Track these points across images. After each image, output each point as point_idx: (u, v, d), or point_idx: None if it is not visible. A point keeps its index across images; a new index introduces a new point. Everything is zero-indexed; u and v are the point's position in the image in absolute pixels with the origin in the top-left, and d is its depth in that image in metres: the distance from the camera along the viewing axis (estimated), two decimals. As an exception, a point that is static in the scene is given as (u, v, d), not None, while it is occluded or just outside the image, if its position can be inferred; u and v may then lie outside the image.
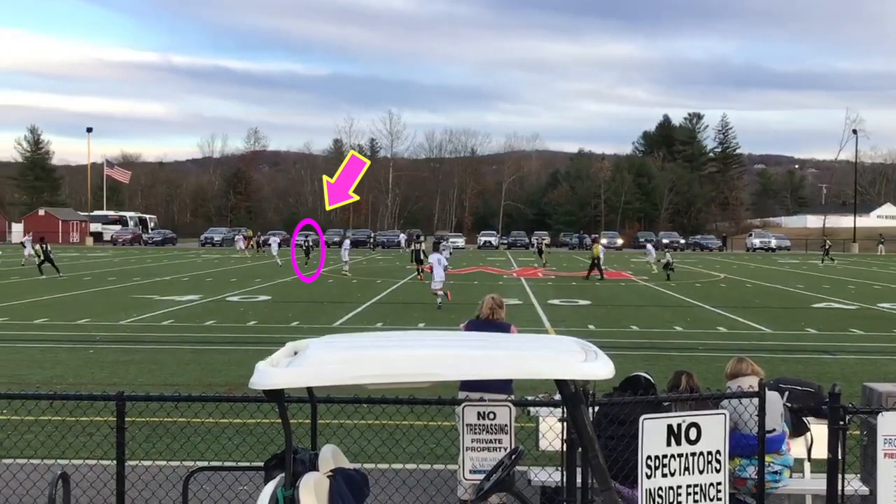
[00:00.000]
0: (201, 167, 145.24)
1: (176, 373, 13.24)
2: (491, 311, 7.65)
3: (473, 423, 5.42)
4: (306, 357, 3.80)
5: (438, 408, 6.62)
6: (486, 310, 7.67)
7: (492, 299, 7.76)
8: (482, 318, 7.63)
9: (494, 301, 7.74)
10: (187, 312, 21.88)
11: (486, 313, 7.65)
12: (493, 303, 7.72)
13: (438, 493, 6.66)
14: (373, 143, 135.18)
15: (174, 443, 8.34)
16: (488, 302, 7.73)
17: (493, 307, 7.68)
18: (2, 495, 6.48)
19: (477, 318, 7.71)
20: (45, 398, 5.56)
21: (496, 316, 7.65)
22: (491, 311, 7.65)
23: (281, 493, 3.92)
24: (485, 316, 7.64)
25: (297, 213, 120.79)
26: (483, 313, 7.66)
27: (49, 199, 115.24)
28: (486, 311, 7.65)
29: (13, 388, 11.05)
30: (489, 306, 7.69)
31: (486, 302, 7.74)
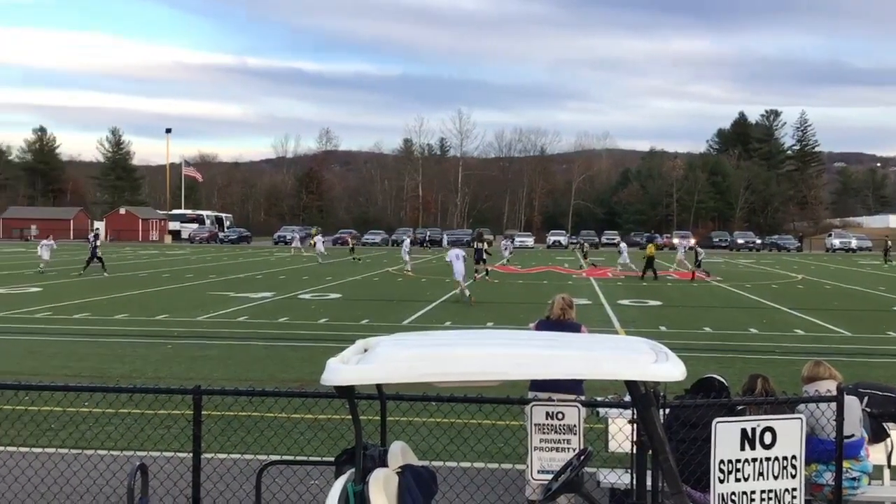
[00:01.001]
0: (275, 167, 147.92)
1: (250, 368, 13.52)
2: (562, 311, 7.57)
3: (542, 422, 5.40)
4: (376, 354, 3.84)
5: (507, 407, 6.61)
6: (556, 310, 7.58)
7: (562, 299, 7.67)
8: (553, 319, 7.55)
9: (565, 301, 7.65)
10: (261, 309, 22.31)
11: (556, 314, 7.56)
12: (564, 303, 7.63)
13: (506, 492, 6.67)
14: (442, 143, 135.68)
15: (248, 436, 8.52)
16: (559, 302, 7.64)
17: (563, 307, 7.59)
18: (83, 485, 6.72)
19: (547, 318, 7.62)
20: (125, 391, 5.74)
21: (567, 316, 7.57)
22: (562, 311, 7.57)
23: (351, 488, 3.97)
24: (556, 316, 7.55)
25: (368, 212, 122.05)
26: (554, 314, 7.58)
27: (130, 198, 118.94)
28: (557, 312, 7.57)
29: (95, 382, 11.45)
30: (560, 306, 7.60)
31: (557, 302, 7.65)
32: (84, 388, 5.55)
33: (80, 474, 6.70)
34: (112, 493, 6.65)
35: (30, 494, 6.47)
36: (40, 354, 14.62)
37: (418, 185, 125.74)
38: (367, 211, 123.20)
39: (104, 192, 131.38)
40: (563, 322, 7.49)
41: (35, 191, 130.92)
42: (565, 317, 7.56)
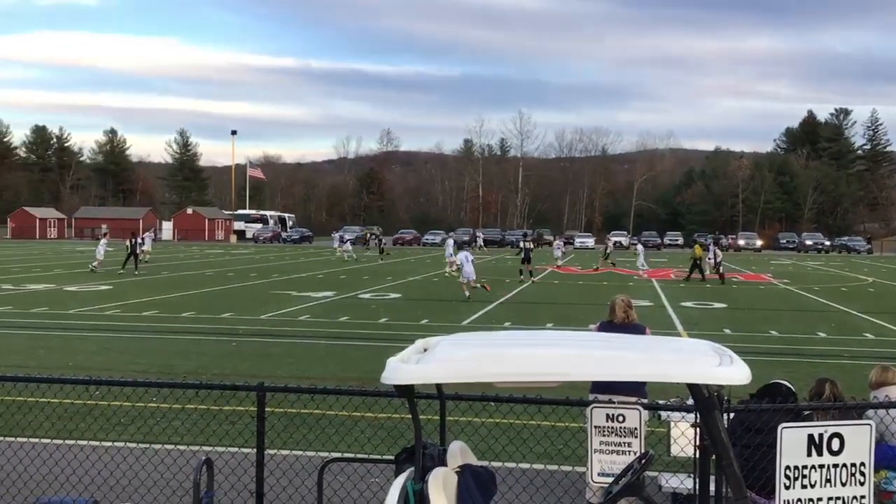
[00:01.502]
0: (336, 167, 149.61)
1: (312, 366, 13.70)
2: (625, 313, 7.43)
3: (602, 425, 5.35)
4: (435, 354, 3.86)
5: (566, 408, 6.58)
6: (620, 313, 7.43)
7: (623, 301, 7.53)
8: (617, 323, 7.39)
9: (626, 302, 7.52)
10: (322, 308, 22.58)
11: (621, 317, 7.41)
12: (625, 304, 7.49)
13: (566, 494, 6.63)
14: (503, 143, 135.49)
15: (310, 433, 8.63)
16: (621, 304, 7.49)
17: (626, 309, 7.45)
18: (150, 479, 6.89)
19: (611, 322, 7.47)
20: (191, 387, 5.87)
21: (630, 318, 7.44)
22: (625, 313, 7.43)
23: (410, 487, 3.99)
24: (620, 320, 7.40)
25: (428, 212, 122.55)
26: (618, 317, 7.43)
27: (196, 199, 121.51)
28: (621, 315, 7.42)
29: (162, 378, 11.73)
30: (622, 308, 7.45)
31: (619, 304, 7.50)
32: (152, 384, 5.70)
33: (148, 468, 6.88)
34: (178, 487, 6.81)
35: (99, 487, 6.66)
36: (110, 351, 15.04)
37: (478, 186, 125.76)
38: (428, 211, 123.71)
39: (172, 193, 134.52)
40: (628, 325, 7.35)
41: (106, 191, 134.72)
42: (629, 319, 7.43)
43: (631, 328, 7.24)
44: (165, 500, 6.01)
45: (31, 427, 8.31)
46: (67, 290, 26.67)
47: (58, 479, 6.76)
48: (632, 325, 7.38)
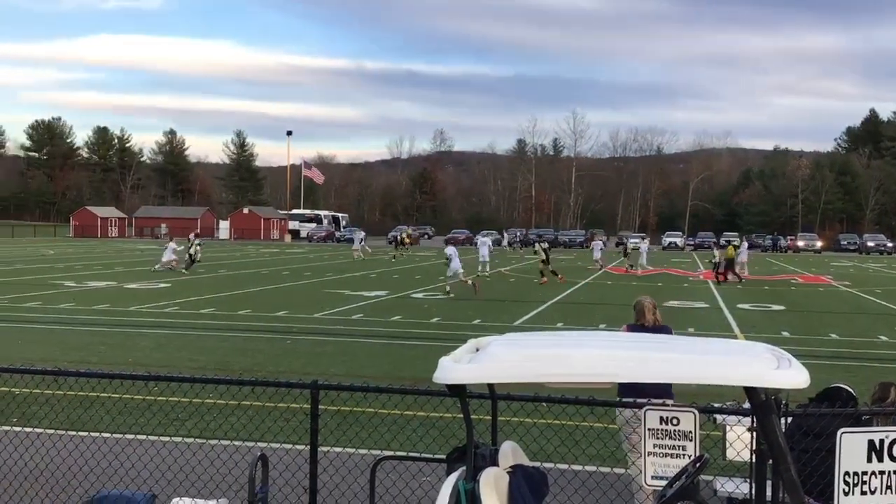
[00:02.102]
0: (390, 168, 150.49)
1: (365, 365, 13.80)
2: (654, 315, 7.38)
3: (656, 427, 5.29)
4: (487, 354, 3.86)
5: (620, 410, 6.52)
6: (650, 315, 7.36)
7: (651, 303, 7.48)
8: (648, 325, 7.31)
9: (653, 304, 7.48)
10: (375, 307, 22.74)
11: (650, 319, 7.35)
12: (653, 306, 7.45)
13: (619, 496, 6.58)
14: (556, 143, 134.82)
15: (362, 431, 8.70)
16: (649, 306, 7.42)
17: (654, 311, 7.41)
18: (207, 473, 7.01)
19: (642, 325, 7.38)
20: (247, 384, 5.96)
21: (658, 320, 7.40)
22: (654, 315, 7.38)
23: (462, 486, 4.00)
24: (650, 322, 7.33)
25: (481, 212, 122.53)
26: (648, 319, 7.36)
27: (252, 199, 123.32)
28: (651, 317, 7.36)
29: (219, 374, 11.93)
30: (651, 311, 7.39)
31: (648, 307, 7.42)
32: (209, 380, 5.80)
33: (205, 463, 7.00)
34: (234, 482, 6.93)
35: (157, 481, 6.81)
36: (168, 347, 15.35)
37: (531, 186, 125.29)
38: (480, 211, 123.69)
39: (229, 193, 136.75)
40: (658, 327, 7.32)
41: (165, 191, 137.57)
42: (658, 321, 7.39)
43: (660, 330, 7.18)
44: (221, 495, 6.11)
45: (91, 421, 8.53)
46: (128, 288, 27.30)
47: (117, 472, 6.92)
48: (661, 326, 7.33)
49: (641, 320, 7.44)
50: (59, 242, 71.55)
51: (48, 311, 20.42)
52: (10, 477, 7.10)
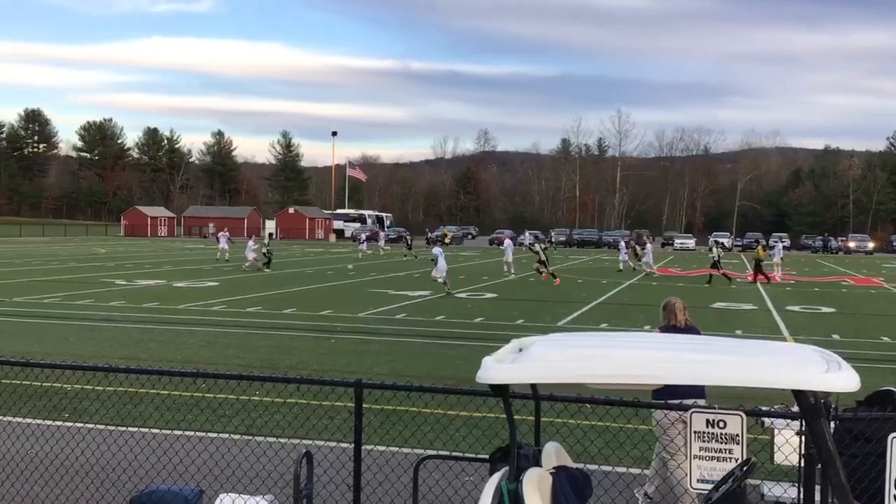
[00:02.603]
0: (434, 167, 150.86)
1: (408, 364, 13.85)
2: (685, 316, 7.41)
3: (702, 430, 5.24)
4: (531, 354, 3.85)
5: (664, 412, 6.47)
6: (681, 316, 7.39)
7: (681, 303, 7.50)
8: (681, 326, 7.33)
9: (683, 304, 7.49)
10: (419, 307, 22.81)
11: (682, 319, 7.37)
12: (684, 306, 7.47)
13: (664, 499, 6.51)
14: (600, 143, 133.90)
15: (406, 430, 8.74)
16: (681, 307, 7.44)
17: (685, 311, 7.43)
18: (253, 469, 7.11)
19: (674, 326, 7.38)
20: (292, 382, 6.02)
21: (689, 320, 7.43)
22: (685, 316, 7.41)
23: (505, 487, 4.00)
24: (682, 323, 7.36)
25: (524, 212, 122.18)
26: (680, 321, 7.38)
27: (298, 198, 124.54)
28: (683, 319, 7.38)
29: (265, 372, 12.07)
30: (682, 311, 7.42)
31: (679, 308, 7.44)
32: (255, 378, 5.88)
33: (251, 459, 7.10)
34: (279, 479, 7.01)
35: (205, 476, 6.91)
36: (216, 345, 15.58)
37: (575, 186, 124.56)
38: (524, 211, 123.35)
39: (275, 192, 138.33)
40: (690, 328, 7.34)
41: (213, 191, 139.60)
42: (689, 321, 7.41)
43: (692, 331, 7.20)
44: (267, 491, 6.19)
45: (141, 417, 8.69)
46: (176, 287, 27.75)
47: (165, 467, 7.04)
48: (692, 327, 7.36)
49: (673, 321, 7.45)
50: (111, 241, 73.01)
51: (99, 309, 20.85)
52: (61, 471, 7.27)
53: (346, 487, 6.33)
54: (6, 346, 14.62)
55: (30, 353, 13.34)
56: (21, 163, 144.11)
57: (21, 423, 8.71)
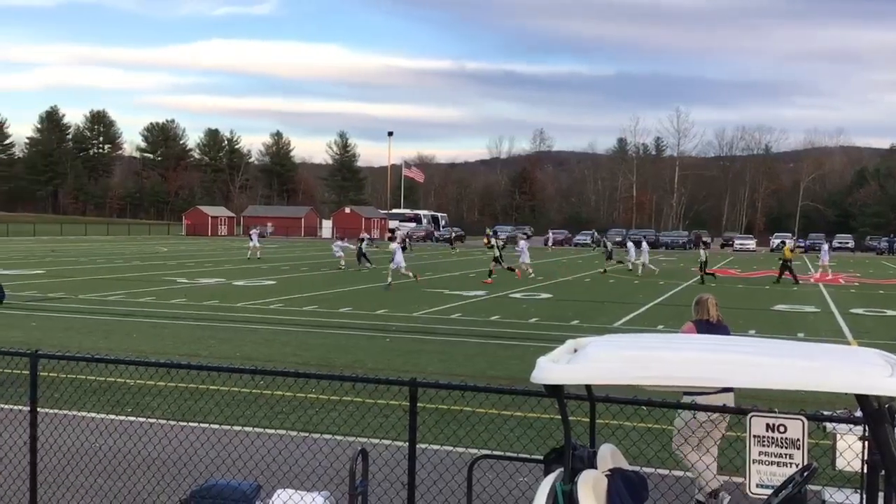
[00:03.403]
0: (489, 167, 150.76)
1: (462, 364, 13.87)
2: (717, 312, 7.50)
3: (762, 434, 5.14)
4: (586, 354, 3.83)
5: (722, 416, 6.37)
6: (714, 311, 7.50)
7: (714, 298, 7.60)
8: (712, 321, 7.44)
9: (716, 300, 7.59)
10: (474, 307, 22.81)
11: (714, 315, 7.48)
12: (716, 302, 7.56)
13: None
14: (658, 142, 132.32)
15: (460, 430, 8.77)
16: (713, 302, 7.54)
17: (717, 307, 7.52)
18: (309, 466, 7.19)
19: (707, 321, 7.48)
20: (348, 380, 6.09)
21: (721, 317, 7.51)
22: (717, 312, 7.50)
23: (560, 488, 3.98)
24: (714, 318, 7.47)
25: (580, 212, 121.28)
26: (713, 315, 7.48)
27: (354, 198, 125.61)
28: (715, 313, 7.49)
29: (321, 370, 12.20)
30: (715, 307, 7.51)
31: (712, 303, 7.54)
32: (312, 376, 5.94)
33: (307, 455, 7.18)
34: (335, 475, 7.08)
35: (262, 472, 7.02)
36: (274, 343, 15.80)
37: (632, 186, 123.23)
38: (579, 211, 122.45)
39: (331, 192, 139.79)
40: (721, 325, 7.43)
41: (271, 191, 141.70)
42: (721, 318, 7.50)
43: (723, 328, 7.33)
44: (323, 487, 6.26)
45: (201, 412, 8.86)
46: (236, 285, 28.23)
47: (224, 462, 7.17)
48: (723, 324, 7.46)
49: (706, 315, 7.52)
50: (172, 240, 74.58)
51: (161, 306, 21.33)
52: (124, 464, 7.45)
53: (401, 485, 6.37)
54: (72, 341, 15.05)
55: (94, 349, 13.71)
56: (87, 163, 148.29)
57: (86, 418, 8.96)
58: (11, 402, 9.61)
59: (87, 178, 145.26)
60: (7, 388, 10.45)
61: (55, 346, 14.00)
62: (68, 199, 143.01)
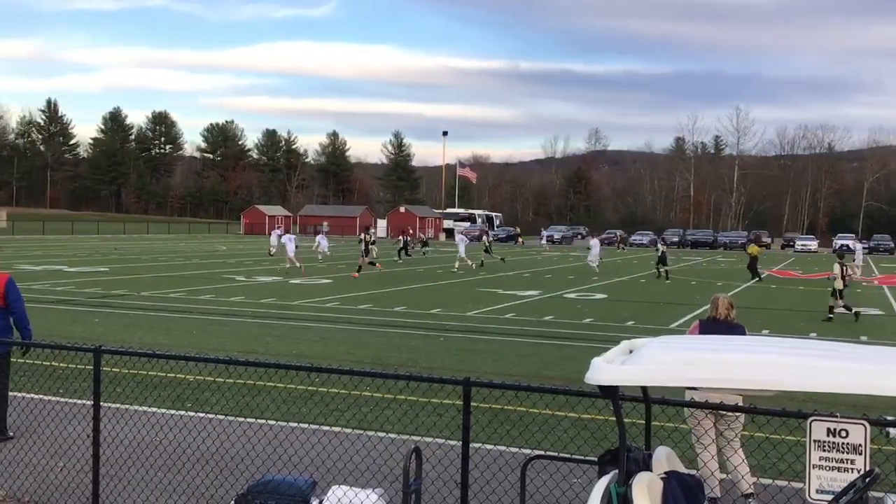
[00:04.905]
0: (544, 167, 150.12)
1: (516, 363, 13.84)
2: (727, 310, 7.46)
3: (822, 439, 5.03)
4: (642, 356, 3.79)
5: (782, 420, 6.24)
6: (722, 309, 7.47)
7: (726, 298, 7.59)
8: (719, 319, 7.41)
9: (729, 300, 7.56)
10: (528, 307, 22.73)
11: (723, 313, 7.45)
12: (728, 302, 7.53)
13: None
14: (717, 141, 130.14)
15: (513, 430, 8.74)
16: (723, 301, 7.53)
17: (728, 307, 7.48)
18: (364, 463, 7.26)
19: (714, 318, 7.46)
20: (402, 378, 6.12)
21: (731, 316, 7.45)
22: (727, 310, 7.46)
23: (614, 489, 3.95)
24: (722, 316, 7.43)
25: (636, 212, 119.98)
26: (720, 313, 7.45)
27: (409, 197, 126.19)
28: (723, 311, 7.45)
29: (375, 368, 12.30)
30: (725, 306, 7.48)
31: (722, 301, 7.53)
32: (366, 374, 5.99)
33: (362, 453, 7.25)
34: (389, 473, 7.13)
35: (318, 468, 7.10)
36: (329, 341, 15.96)
37: (689, 185, 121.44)
38: (635, 211, 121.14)
39: (386, 192, 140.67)
40: (729, 322, 7.38)
41: (327, 190, 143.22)
42: (730, 317, 7.44)
43: (731, 327, 7.27)
44: (377, 485, 6.31)
45: (258, 408, 9.00)
46: (292, 283, 28.59)
47: (281, 458, 7.28)
48: (732, 323, 7.40)
49: (714, 313, 7.52)
50: (231, 239, 75.85)
51: (220, 304, 21.70)
52: (183, 458, 7.61)
53: (454, 484, 6.39)
54: (134, 338, 15.41)
55: (155, 345, 14.02)
56: (149, 163, 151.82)
57: (147, 412, 9.17)
58: (76, 397, 9.89)
59: (149, 178, 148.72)
60: (71, 382, 10.75)
61: (117, 341, 14.36)
62: (131, 198, 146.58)
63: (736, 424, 7.11)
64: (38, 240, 60.92)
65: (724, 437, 7.10)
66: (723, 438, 7.12)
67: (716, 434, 7.10)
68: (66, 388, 10.51)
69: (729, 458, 7.05)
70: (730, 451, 7.08)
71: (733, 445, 7.10)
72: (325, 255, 42.57)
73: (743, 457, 7.05)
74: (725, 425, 7.07)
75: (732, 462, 6.99)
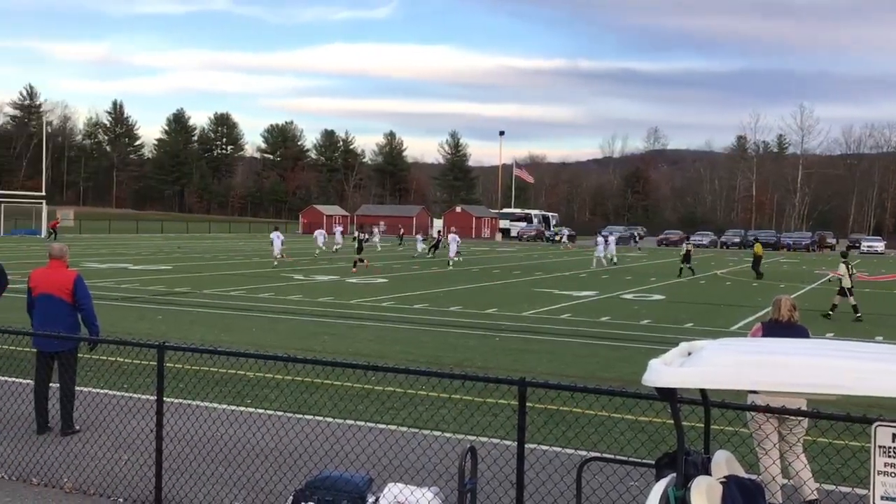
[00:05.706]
0: (601, 167, 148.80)
1: (571, 364, 13.75)
2: (789, 312, 7.27)
3: (887, 445, 4.90)
4: (701, 358, 3.74)
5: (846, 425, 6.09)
6: (784, 311, 7.28)
7: (788, 300, 7.39)
8: (782, 322, 7.23)
9: (791, 302, 7.37)
10: (584, 307, 22.57)
11: (785, 315, 7.27)
12: (791, 304, 7.35)
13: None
14: (780, 140, 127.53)
15: (569, 431, 8.70)
16: (786, 303, 7.34)
17: (790, 308, 7.29)
18: (419, 462, 7.29)
19: (776, 321, 7.28)
20: (457, 378, 6.14)
21: (794, 318, 7.27)
22: (789, 312, 7.27)
23: (672, 493, 3.91)
24: (785, 318, 7.25)
25: (695, 212, 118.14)
26: (783, 315, 7.27)
27: (465, 197, 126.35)
28: (786, 313, 7.27)
29: (431, 367, 12.33)
30: (787, 307, 7.30)
31: (784, 303, 7.34)
32: (422, 373, 6.02)
33: (417, 451, 7.29)
34: (444, 472, 7.15)
35: (374, 465, 7.16)
36: (385, 340, 16.07)
37: (751, 185, 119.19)
38: (695, 211, 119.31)
39: (443, 192, 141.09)
40: (793, 325, 7.21)
41: (384, 190, 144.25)
42: (794, 319, 7.27)
43: (796, 330, 7.12)
44: (433, 483, 6.34)
45: (316, 406, 9.10)
46: (349, 282, 28.86)
47: (338, 455, 7.36)
48: (797, 326, 7.24)
49: (776, 316, 7.35)
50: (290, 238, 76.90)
51: (279, 302, 22.02)
52: (243, 454, 7.75)
53: (510, 484, 6.38)
54: (196, 335, 15.73)
55: (216, 342, 14.29)
56: (211, 163, 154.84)
57: (208, 408, 9.35)
58: (139, 392, 10.14)
59: (211, 178, 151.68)
60: (136, 378, 11.03)
61: (180, 338, 14.67)
62: (193, 197, 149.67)
63: (798, 429, 6.97)
64: (104, 238, 62.63)
65: (787, 441, 6.96)
66: (785, 443, 6.98)
67: (777, 439, 6.96)
68: (130, 384, 10.79)
69: (791, 464, 6.91)
70: (792, 456, 6.93)
71: (795, 450, 6.95)
72: (339, 249, 44.10)
73: (805, 462, 6.90)
74: (788, 430, 6.93)
75: (794, 467, 6.85)
